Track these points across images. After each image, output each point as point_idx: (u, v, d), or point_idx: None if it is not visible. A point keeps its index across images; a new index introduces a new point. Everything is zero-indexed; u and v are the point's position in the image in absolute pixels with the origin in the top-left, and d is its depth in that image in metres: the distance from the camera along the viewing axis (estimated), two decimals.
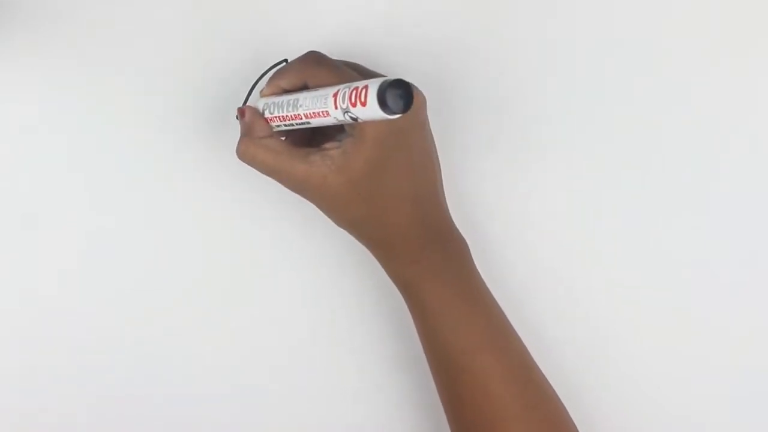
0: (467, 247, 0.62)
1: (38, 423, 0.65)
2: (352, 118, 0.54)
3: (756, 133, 0.69)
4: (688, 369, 0.67)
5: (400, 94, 0.51)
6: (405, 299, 0.62)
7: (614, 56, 0.68)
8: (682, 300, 0.68)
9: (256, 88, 0.62)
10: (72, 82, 0.66)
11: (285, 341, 0.66)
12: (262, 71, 0.63)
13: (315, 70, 0.59)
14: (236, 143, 0.60)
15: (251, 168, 0.60)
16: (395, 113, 0.51)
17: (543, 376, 0.61)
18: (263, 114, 0.60)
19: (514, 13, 0.68)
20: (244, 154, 0.60)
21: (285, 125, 0.59)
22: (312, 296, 0.67)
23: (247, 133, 0.60)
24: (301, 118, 0.58)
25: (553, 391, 0.61)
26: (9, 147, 0.65)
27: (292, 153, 0.59)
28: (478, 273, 0.62)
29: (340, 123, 0.56)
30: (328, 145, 0.59)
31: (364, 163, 0.58)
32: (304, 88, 0.59)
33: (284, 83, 0.60)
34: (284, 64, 0.62)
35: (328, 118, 0.56)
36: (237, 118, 0.61)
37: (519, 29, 0.68)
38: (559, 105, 0.68)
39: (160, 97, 0.66)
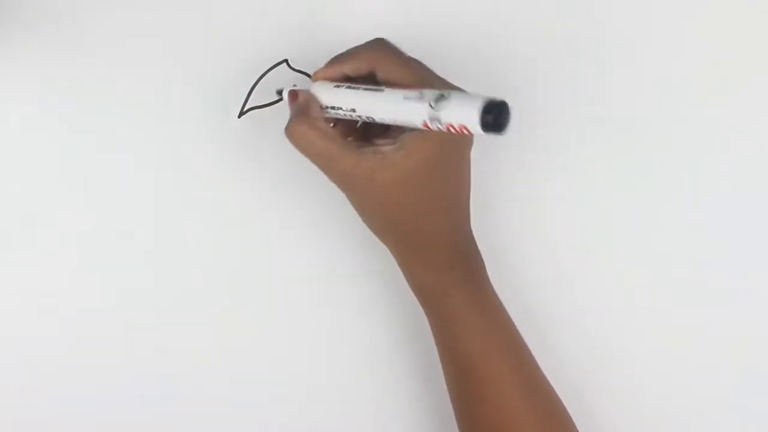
0: (483, 262, 0.61)
1: (38, 423, 0.65)
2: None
3: (756, 133, 0.69)
4: (688, 369, 0.67)
5: (501, 116, 0.49)
6: (424, 307, 0.61)
7: (617, 57, 0.68)
8: (682, 300, 0.68)
9: (255, 88, 0.62)
10: (72, 82, 0.66)
11: (289, 342, 0.66)
12: (262, 71, 0.63)
13: (387, 62, 0.56)
14: (285, 124, 0.57)
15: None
16: (493, 132, 0.49)
17: (550, 384, 0.62)
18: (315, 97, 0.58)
19: (517, 16, 0.68)
20: (294, 132, 0.57)
21: (334, 112, 0.57)
22: (318, 300, 0.66)
23: (300, 112, 0.57)
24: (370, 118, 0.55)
25: (559, 398, 0.62)
26: (9, 147, 0.65)
27: (343, 142, 0.57)
28: (492, 286, 0.61)
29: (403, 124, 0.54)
30: (380, 142, 0.56)
31: (421, 163, 0.55)
32: (368, 75, 0.57)
33: (348, 69, 0.57)
34: (284, 63, 0.62)
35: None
36: (277, 96, 0.60)
37: (520, 31, 0.68)
38: (560, 106, 0.68)
39: (160, 97, 0.66)
